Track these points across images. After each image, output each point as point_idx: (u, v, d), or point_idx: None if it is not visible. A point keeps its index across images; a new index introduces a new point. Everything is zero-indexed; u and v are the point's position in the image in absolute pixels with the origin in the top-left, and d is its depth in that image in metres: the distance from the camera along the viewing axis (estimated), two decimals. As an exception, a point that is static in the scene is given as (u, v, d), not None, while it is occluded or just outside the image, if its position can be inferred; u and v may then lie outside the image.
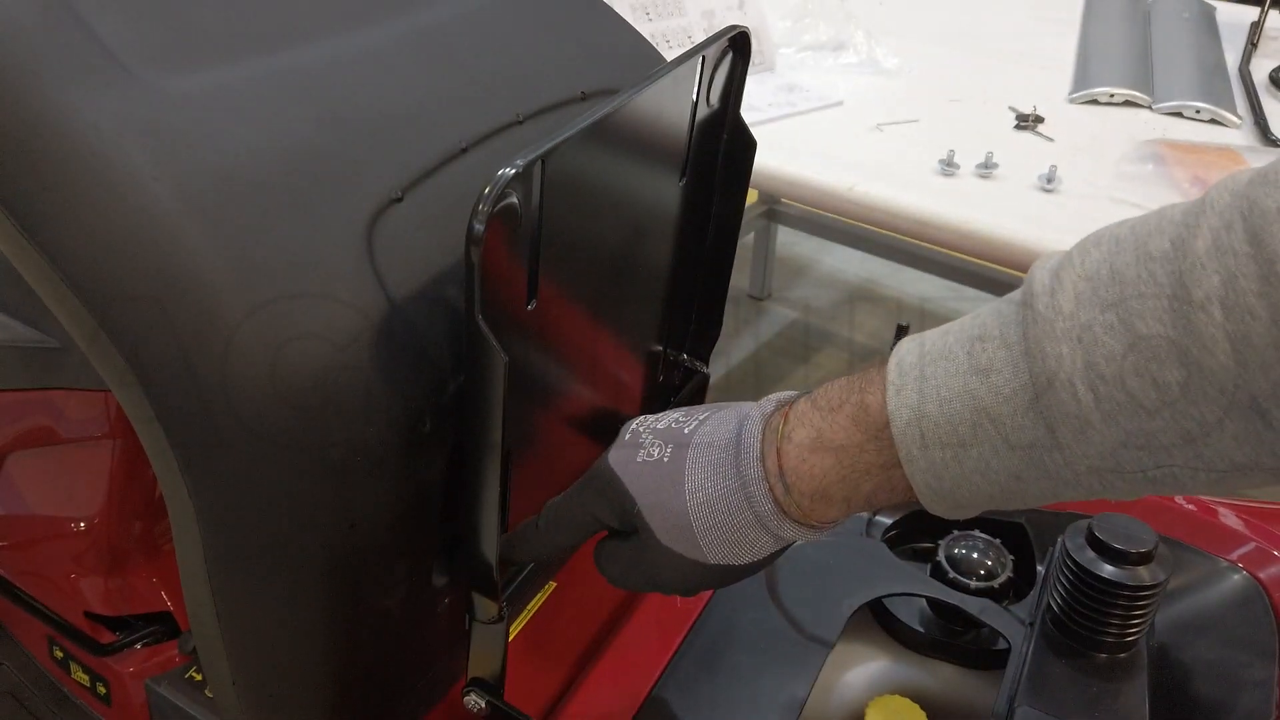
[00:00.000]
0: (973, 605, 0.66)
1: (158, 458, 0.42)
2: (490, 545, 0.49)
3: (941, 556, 0.69)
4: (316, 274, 0.41)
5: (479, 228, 0.39)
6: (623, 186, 0.53)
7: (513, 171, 0.40)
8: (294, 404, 0.40)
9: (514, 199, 0.41)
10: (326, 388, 0.40)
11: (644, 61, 0.66)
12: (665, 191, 0.58)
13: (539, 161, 0.42)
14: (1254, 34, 1.58)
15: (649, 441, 0.49)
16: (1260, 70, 1.49)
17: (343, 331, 0.41)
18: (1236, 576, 0.68)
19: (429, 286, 0.46)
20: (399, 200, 0.46)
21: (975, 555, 0.69)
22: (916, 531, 0.76)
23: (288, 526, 0.43)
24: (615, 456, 0.50)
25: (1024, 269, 1.10)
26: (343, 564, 0.45)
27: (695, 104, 0.56)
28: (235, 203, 0.40)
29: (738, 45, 0.57)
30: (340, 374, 0.41)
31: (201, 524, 0.43)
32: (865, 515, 0.77)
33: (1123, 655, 0.60)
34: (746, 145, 0.61)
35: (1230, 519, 0.71)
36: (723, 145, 0.61)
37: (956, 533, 0.71)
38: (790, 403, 0.46)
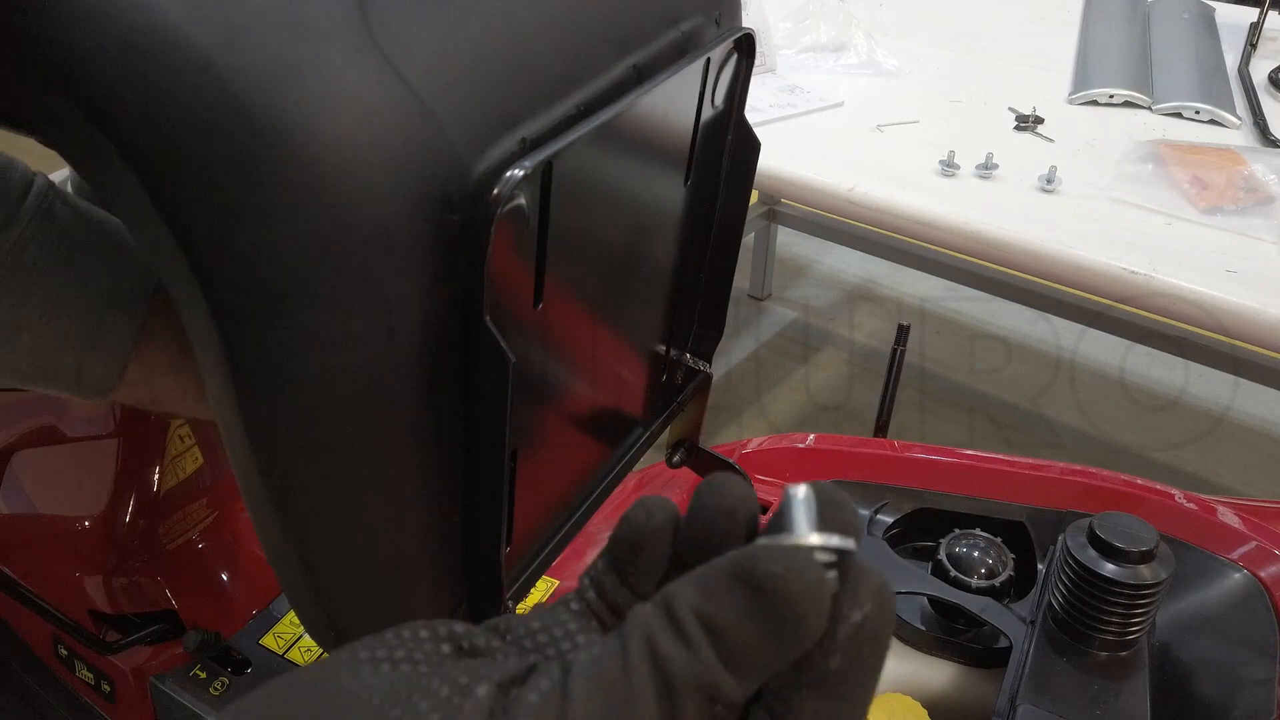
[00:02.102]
0: (974, 604, 0.66)
1: (168, 272, 0.36)
2: (495, 546, 0.49)
3: (943, 555, 0.69)
4: (310, 37, 0.35)
5: (488, 231, 0.39)
6: (628, 188, 0.53)
7: (521, 174, 0.40)
8: (300, 164, 0.35)
9: (522, 201, 0.41)
10: (332, 156, 0.35)
11: None
12: (670, 193, 0.58)
13: (546, 164, 0.42)
14: (1253, 35, 1.58)
15: None
16: (1259, 71, 1.49)
17: (345, 99, 0.36)
18: (1237, 575, 0.68)
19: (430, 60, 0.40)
20: None
21: (976, 554, 0.69)
22: (918, 530, 0.77)
23: (325, 326, 0.37)
24: None
25: (1024, 269, 1.11)
26: (388, 387, 0.41)
27: (700, 105, 0.56)
28: None
29: (742, 47, 0.57)
30: (349, 148, 0.36)
31: (228, 352, 0.37)
32: (866, 514, 0.78)
33: (1124, 653, 0.60)
34: (750, 146, 0.61)
35: (1230, 518, 0.71)
36: (727, 147, 0.61)
37: (957, 531, 0.71)
38: None
